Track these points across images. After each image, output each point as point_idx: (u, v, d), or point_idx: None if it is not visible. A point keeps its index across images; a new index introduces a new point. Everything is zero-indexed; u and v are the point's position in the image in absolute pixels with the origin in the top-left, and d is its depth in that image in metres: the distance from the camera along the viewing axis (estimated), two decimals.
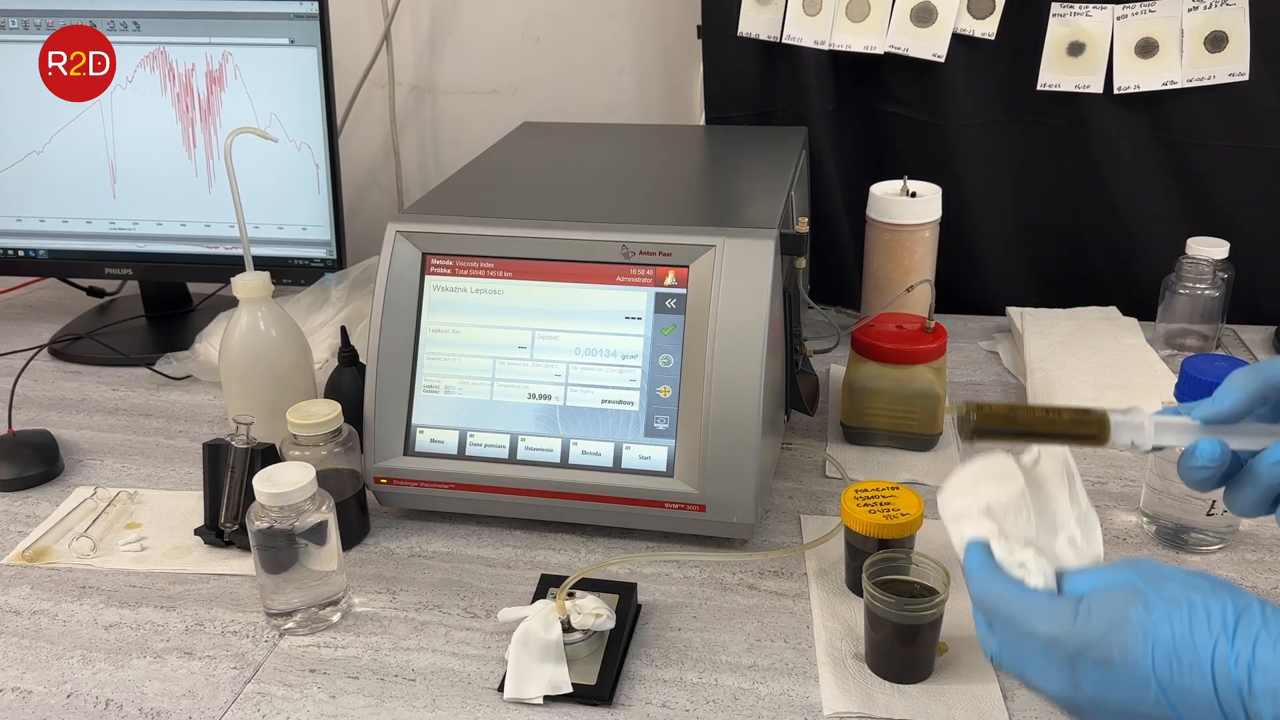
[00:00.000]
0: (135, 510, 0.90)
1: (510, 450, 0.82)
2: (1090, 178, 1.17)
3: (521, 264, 0.83)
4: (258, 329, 0.90)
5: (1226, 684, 0.43)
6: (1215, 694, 0.43)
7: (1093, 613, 0.47)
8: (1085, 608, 0.47)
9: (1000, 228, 1.23)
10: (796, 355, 0.94)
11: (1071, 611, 0.47)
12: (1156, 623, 0.45)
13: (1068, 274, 1.23)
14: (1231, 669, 0.43)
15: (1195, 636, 0.44)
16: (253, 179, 1.02)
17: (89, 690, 0.69)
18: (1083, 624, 0.47)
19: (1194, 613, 0.45)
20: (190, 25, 1.14)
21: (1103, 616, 0.46)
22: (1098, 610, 0.47)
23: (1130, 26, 1.11)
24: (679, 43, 1.32)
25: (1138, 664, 0.45)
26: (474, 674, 0.70)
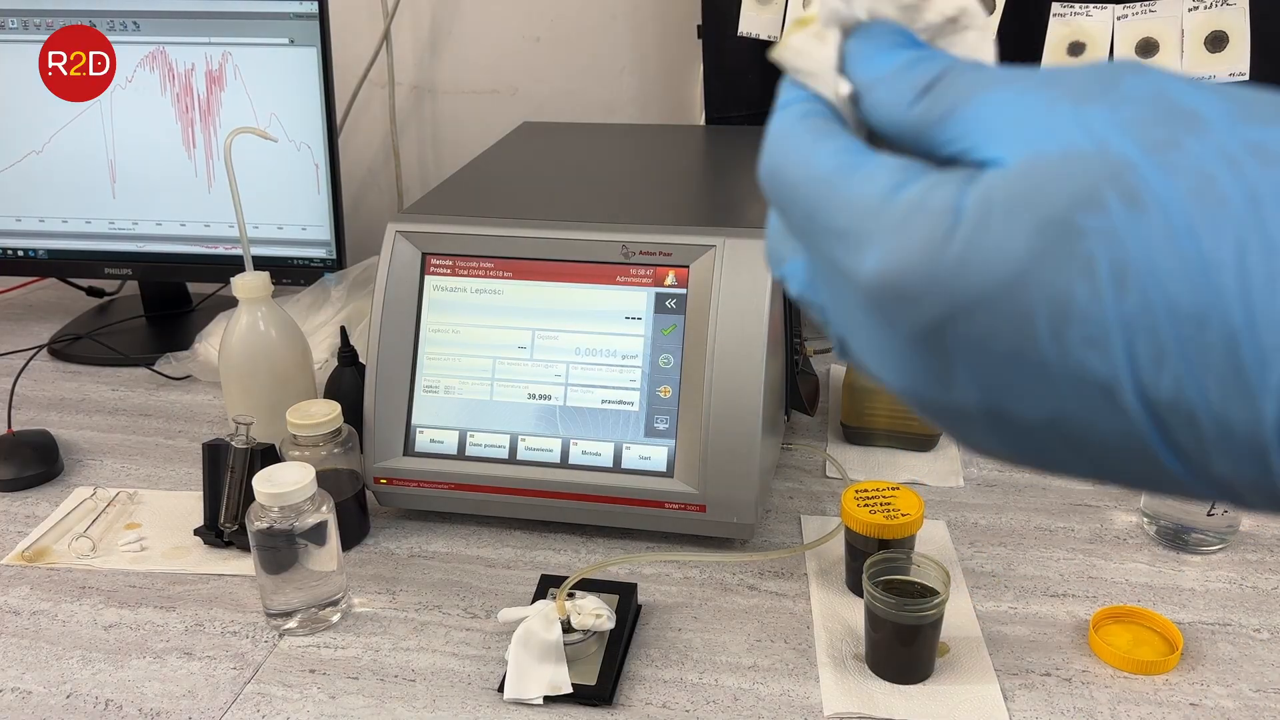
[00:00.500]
0: (135, 510, 0.90)
1: (510, 450, 0.82)
2: None
3: (521, 264, 0.82)
4: (257, 329, 0.90)
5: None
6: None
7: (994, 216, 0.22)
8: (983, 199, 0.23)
9: None
10: (797, 355, 0.93)
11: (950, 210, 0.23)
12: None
13: None
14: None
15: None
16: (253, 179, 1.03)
17: (89, 690, 0.69)
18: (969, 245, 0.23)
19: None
20: (190, 25, 1.14)
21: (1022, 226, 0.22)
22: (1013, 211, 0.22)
23: (1131, 26, 1.10)
24: (679, 42, 1.32)
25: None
26: (474, 674, 0.70)
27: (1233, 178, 0.20)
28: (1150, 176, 0.21)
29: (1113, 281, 0.21)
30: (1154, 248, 0.21)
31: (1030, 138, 0.23)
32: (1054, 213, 0.21)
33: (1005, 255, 0.22)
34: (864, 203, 0.24)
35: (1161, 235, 0.21)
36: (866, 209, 0.24)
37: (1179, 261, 0.20)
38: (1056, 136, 0.22)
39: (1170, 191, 0.21)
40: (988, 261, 0.22)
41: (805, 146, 0.26)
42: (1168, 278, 0.20)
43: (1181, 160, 0.21)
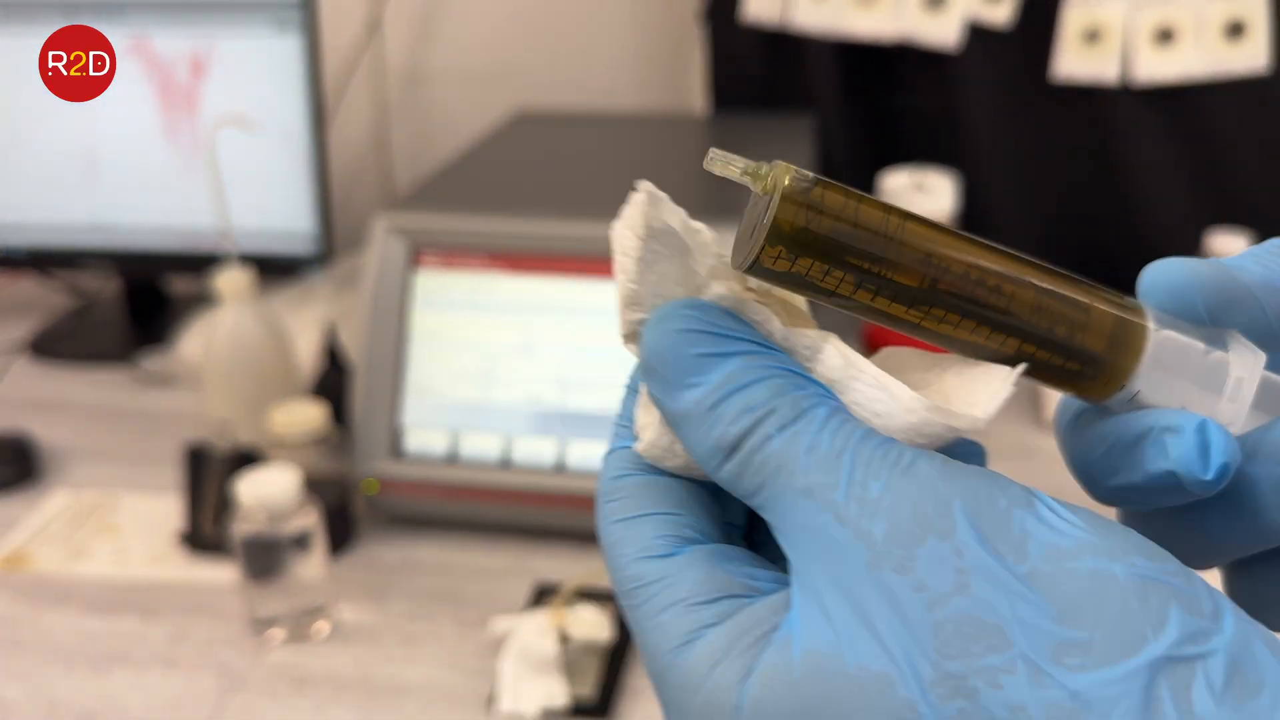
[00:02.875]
0: (115, 515, 0.88)
1: (504, 454, 0.80)
2: (1108, 166, 1.15)
3: (516, 258, 0.80)
4: (241, 327, 0.88)
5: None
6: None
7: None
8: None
9: (1015, 219, 1.21)
10: None
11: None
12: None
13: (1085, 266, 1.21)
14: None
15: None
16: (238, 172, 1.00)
17: (71, 700, 0.68)
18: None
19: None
20: (174, 14, 1.12)
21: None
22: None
23: (1148, 14, 1.09)
24: (678, 28, 1.30)
25: None
26: (465, 687, 0.68)
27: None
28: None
29: None
30: None
31: (834, 615, 0.20)
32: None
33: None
34: (654, 655, 0.22)
35: None
36: (656, 666, 0.22)
37: None
38: (859, 633, 0.19)
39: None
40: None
41: (612, 544, 0.24)
42: None
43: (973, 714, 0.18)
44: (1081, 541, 0.19)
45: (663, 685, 0.22)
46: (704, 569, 0.22)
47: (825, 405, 0.21)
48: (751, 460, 0.21)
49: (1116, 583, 0.18)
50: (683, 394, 0.22)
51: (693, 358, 0.22)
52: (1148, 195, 1.16)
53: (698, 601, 0.21)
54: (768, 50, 1.19)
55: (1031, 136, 1.17)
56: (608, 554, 0.23)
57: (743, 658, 0.20)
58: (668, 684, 0.21)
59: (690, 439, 0.22)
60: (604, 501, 0.24)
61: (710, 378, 0.22)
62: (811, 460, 0.20)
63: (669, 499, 0.23)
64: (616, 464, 0.24)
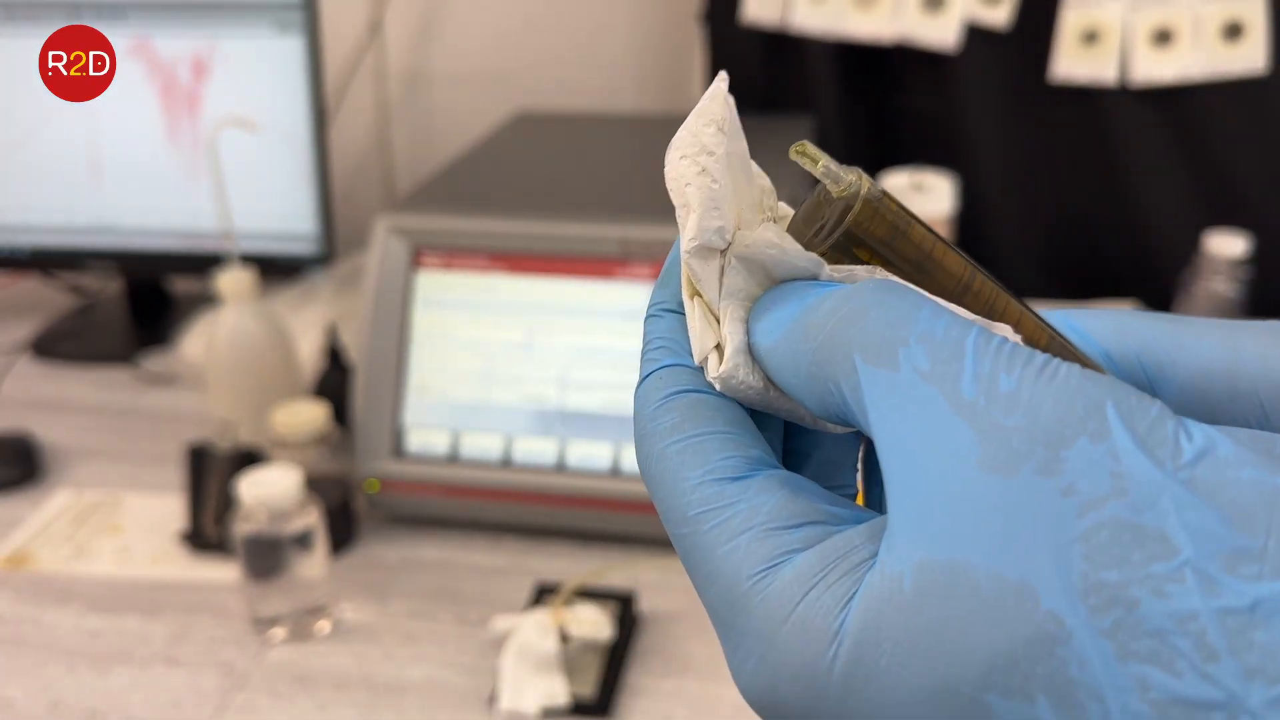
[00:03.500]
0: (117, 514, 0.88)
1: (504, 453, 0.80)
2: (1106, 167, 1.15)
3: (516, 258, 0.80)
4: (243, 327, 0.88)
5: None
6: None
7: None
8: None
9: (1014, 220, 1.21)
10: None
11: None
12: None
13: (1084, 266, 1.22)
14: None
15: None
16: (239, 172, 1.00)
17: (73, 699, 0.68)
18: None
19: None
20: (175, 15, 1.12)
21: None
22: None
23: (1146, 15, 1.09)
24: (678, 29, 1.30)
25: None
26: (466, 685, 0.68)
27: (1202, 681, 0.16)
28: (1093, 664, 0.16)
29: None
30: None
31: (953, 524, 0.18)
32: (955, 684, 0.17)
33: (894, 709, 0.18)
34: (729, 582, 0.20)
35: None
36: (732, 593, 0.20)
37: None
38: (987, 541, 0.17)
39: (1119, 693, 0.16)
40: (875, 705, 0.18)
41: (669, 467, 0.22)
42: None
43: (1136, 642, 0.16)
44: (1238, 453, 0.17)
45: (737, 614, 0.20)
46: (783, 494, 0.20)
47: (927, 298, 0.20)
48: (838, 340, 0.20)
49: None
50: (787, 314, 0.21)
51: (800, 287, 0.22)
52: (1145, 196, 1.16)
53: (779, 526, 0.20)
54: (767, 51, 1.19)
55: (1030, 137, 1.17)
56: (662, 476, 0.22)
57: (841, 583, 0.19)
58: (746, 612, 0.20)
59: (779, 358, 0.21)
60: (653, 421, 0.22)
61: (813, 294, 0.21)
62: (927, 340, 0.19)
63: (727, 419, 0.22)
64: (664, 382, 0.23)
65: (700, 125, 0.23)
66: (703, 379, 0.23)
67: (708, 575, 0.21)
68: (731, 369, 0.22)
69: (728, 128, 0.23)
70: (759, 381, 0.22)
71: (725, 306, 0.23)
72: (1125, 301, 1.17)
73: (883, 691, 0.18)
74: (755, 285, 0.23)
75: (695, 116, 0.23)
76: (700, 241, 0.22)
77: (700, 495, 0.21)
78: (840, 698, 0.19)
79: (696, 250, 0.23)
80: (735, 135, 0.23)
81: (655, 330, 0.24)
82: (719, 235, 0.22)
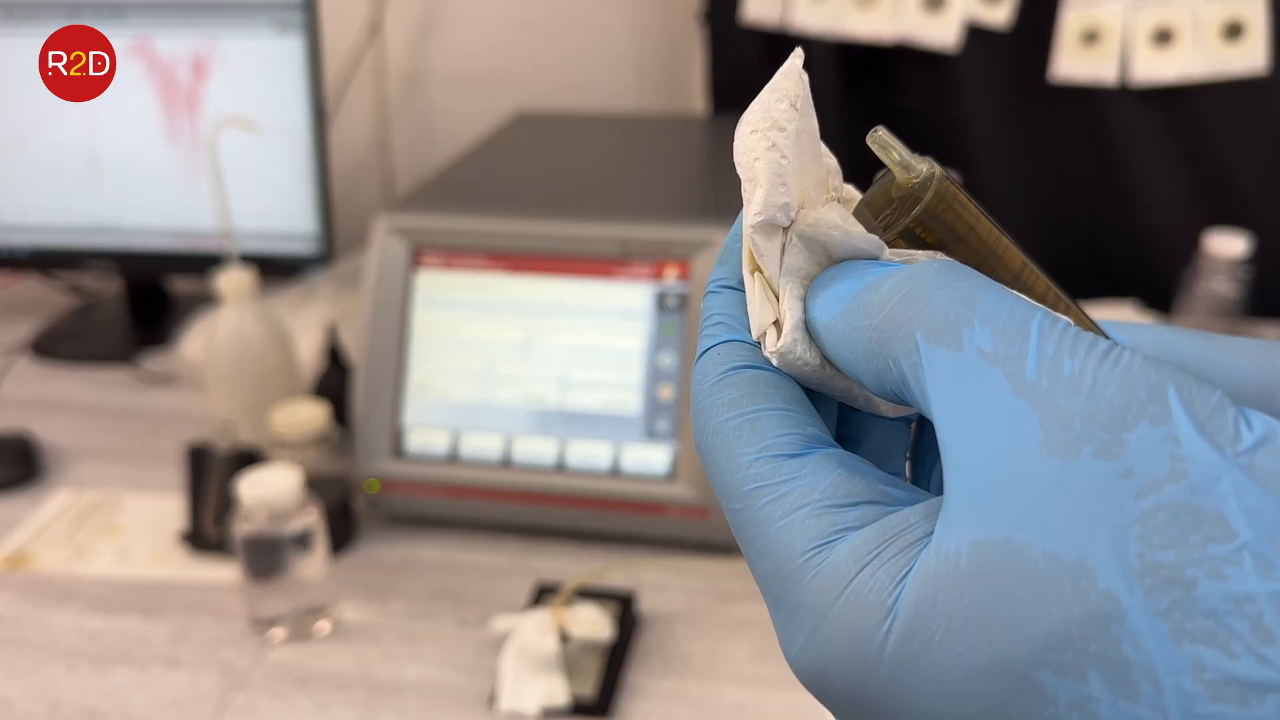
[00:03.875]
0: (117, 514, 0.88)
1: (504, 453, 0.79)
2: (1106, 168, 1.15)
3: (516, 258, 0.80)
4: (243, 328, 0.88)
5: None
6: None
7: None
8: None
9: (1014, 220, 1.21)
10: None
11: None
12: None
13: (1084, 267, 1.22)
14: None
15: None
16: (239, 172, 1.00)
17: (73, 699, 0.68)
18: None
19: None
20: (175, 15, 1.12)
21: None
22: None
23: (1146, 15, 1.09)
24: (678, 29, 1.30)
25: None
26: (466, 685, 0.68)
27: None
28: (1147, 644, 0.17)
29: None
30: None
31: (1011, 504, 0.18)
32: (1008, 660, 0.18)
33: (945, 685, 0.18)
34: (783, 557, 0.20)
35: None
36: (785, 568, 0.20)
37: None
38: (1046, 521, 0.17)
39: (1173, 673, 0.16)
40: (925, 681, 0.18)
41: (726, 441, 0.22)
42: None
43: (1191, 623, 0.16)
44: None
45: (789, 589, 0.20)
46: (839, 472, 0.21)
47: (994, 286, 0.20)
48: (900, 320, 0.20)
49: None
50: (845, 291, 0.22)
51: (860, 267, 0.22)
52: (1146, 195, 1.16)
53: (835, 504, 0.20)
54: (767, 51, 1.19)
55: (1030, 137, 1.17)
56: (718, 451, 0.22)
57: (896, 560, 0.19)
58: (799, 587, 0.20)
59: (837, 334, 0.22)
60: (710, 396, 0.22)
61: (873, 271, 0.22)
62: (992, 321, 0.19)
63: (783, 395, 0.22)
64: (722, 357, 0.23)
65: (773, 100, 0.23)
66: (760, 355, 0.23)
67: (761, 549, 0.21)
68: (789, 344, 0.22)
69: (800, 104, 0.23)
70: (816, 358, 0.23)
71: (785, 283, 0.23)
72: (1125, 301, 1.17)
73: (934, 668, 0.18)
74: (815, 264, 0.23)
75: (769, 91, 0.23)
76: (765, 217, 0.23)
77: (756, 471, 0.21)
78: (891, 674, 0.19)
79: (761, 225, 0.23)
80: (807, 112, 0.23)
81: (714, 306, 0.24)
82: (784, 212, 0.23)
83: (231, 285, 0.87)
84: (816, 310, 0.22)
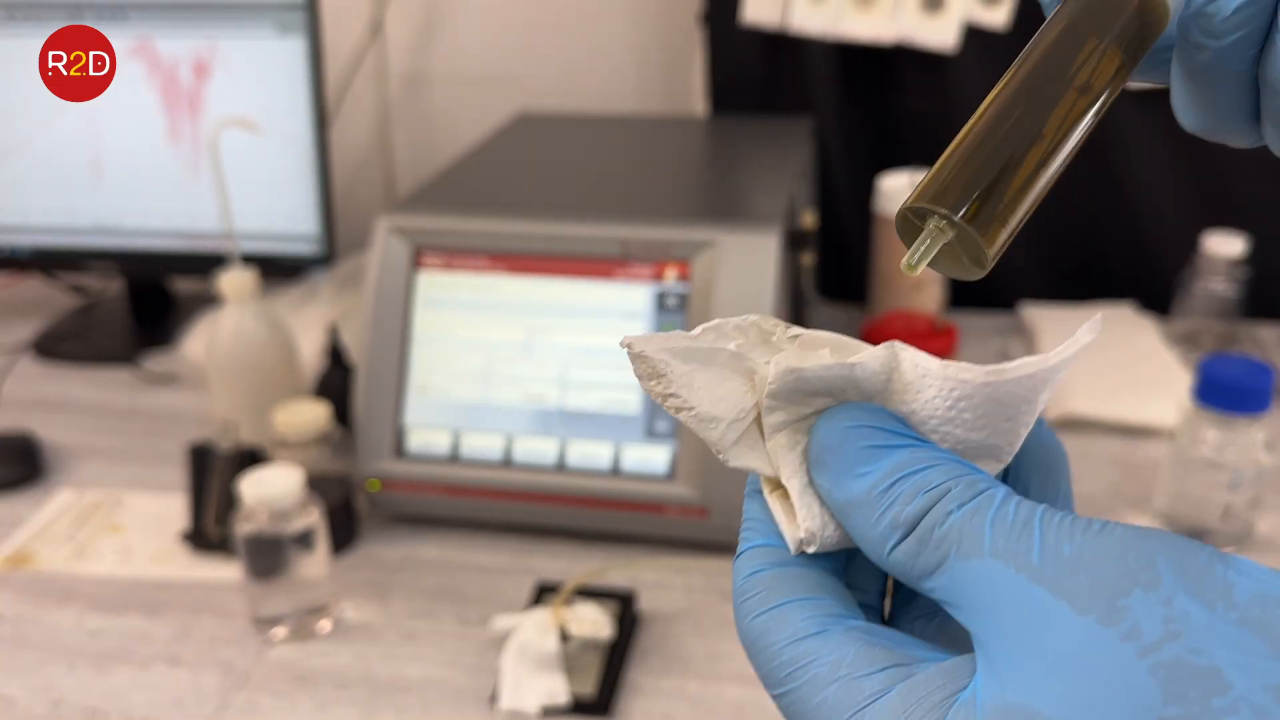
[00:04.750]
0: (119, 514, 0.88)
1: (505, 453, 0.80)
2: (1105, 168, 1.15)
3: (517, 259, 0.81)
4: (244, 328, 0.88)
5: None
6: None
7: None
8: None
9: None
10: None
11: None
12: None
13: (1082, 267, 1.22)
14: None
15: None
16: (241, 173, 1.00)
17: (75, 699, 0.68)
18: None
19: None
20: (177, 16, 1.12)
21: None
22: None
23: None
24: (679, 30, 1.30)
25: None
26: (467, 684, 0.68)
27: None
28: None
29: None
30: None
31: (1026, 672, 0.20)
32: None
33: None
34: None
35: None
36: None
37: None
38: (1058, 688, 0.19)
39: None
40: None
41: (759, 635, 0.24)
42: None
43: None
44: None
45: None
46: (862, 643, 0.23)
47: (1000, 487, 0.22)
48: (931, 536, 0.22)
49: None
50: (854, 482, 0.23)
51: (862, 449, 0.24)
52: (1144, 196, 1.16)
53: (862, 674, 0.22)
54: (767, 52, 1.19)
55: None
56: (754, 648, 0.24)
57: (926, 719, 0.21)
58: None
59: (860, 524, 0.23)
60: (741, 600, 0.25)
61: (881, 465, 0.23)
62: (1000, 529, 0.21)
63: (807, 585, 0.24)
64: (749, 563, 0.25)
65: (644, 384, 0.26)
66: (786, 553, 0.25)
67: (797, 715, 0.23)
68: (809, 539, 0.25)
69: (660, 368, 0.25)
70: (833, 534, 0.25)
71: (788, 479, 0.25)
72: (1123, 302, 1.17)
73: None
74: (802, 410, 0.25)
75: (638, 379, 0.26)
76: (723, 449, 0.25)
77: (788, 655, 0.23)
78: None
79: (728, 455, 0.25)
80: (680, 354, 0.25)
81: (748, 510, 0.27)
82: (730, 429, 0.25)
83: (233, 285, 0.87)
84: (828, 486, 0.24)
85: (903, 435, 0.24)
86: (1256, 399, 0.72)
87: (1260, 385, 0.72)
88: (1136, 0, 0.26)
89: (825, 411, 0.25)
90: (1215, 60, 0.26)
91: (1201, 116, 0.29)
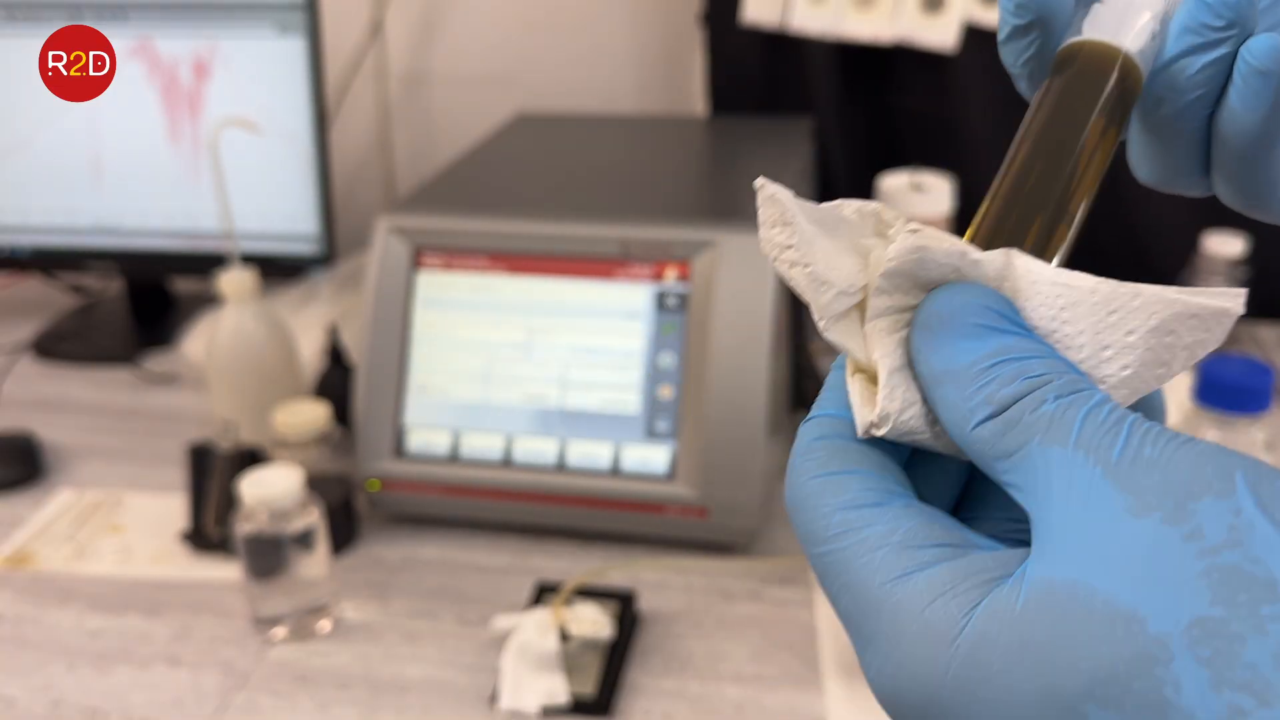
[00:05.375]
0: (119, 514, 0.88)
1: (505, 453, 0.80)
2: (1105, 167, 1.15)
3: (517, 259, 0.81)
4: (244, 328, 0.88)
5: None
6: None
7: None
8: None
9: None
10: (801, 355, 0.92)
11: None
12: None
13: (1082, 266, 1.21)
14: None
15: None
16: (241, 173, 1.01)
17: (74, 699, 0.68)
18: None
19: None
20: (177, 16, 1.12)
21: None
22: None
23: None
24: (679, 30, 1.30)
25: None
26: (467, 684, 0.68)
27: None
28: (1187, 688, 0.18)
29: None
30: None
31: (1081, 553, 0.20)
32: (1059, 690, 0.20)
33: (1002, 711, 0.20)
34: (864, 588, 0.22)
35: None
36: (865, 599, 0.22)
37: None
38: (1109, 570, 0.20)
39: (1207, 714, 0.18)
40: (984, 706, 0.21)
41: (812, 495, 0.24)
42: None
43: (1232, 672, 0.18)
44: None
45: (868, 617, 0.22)
46: (920, 519, 0.23)
47: (1099, 391, 0.22)
48: (1021, 420, 0.22)
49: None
50: (958, 354, 0.23)
51: (973, 325, 0.23)
52: (1144, 196, 1.16)
53: (915, 544, 0.22)
54: (767, 52, 1.19)
55: None
56: (804, 505, 0.24)
57: (969, 594, 0.21)
58: (877, 614, 0.22)
59: (950, 395, 0.23)
60: (801, 459, 0.25)
61: (988, 344, 0.23)
62: (1090, 425, 0.21)
63: (872, 462, 0.24)
64: (818, 428, 0.25)
65: (767, 231, 0.25)
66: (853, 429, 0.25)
67: (844, 585, 0.23)
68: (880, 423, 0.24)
69: (789, 216, 0.25)
70: (909, 419, 0.24)
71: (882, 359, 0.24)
72: None
73: (993, 693, 0.20)
74: (908, 297, 0.25)
75: (761, 225, 0.25)
76: (825, 318, 0.25)
77: (841, 517, 0.23)
78: (953, 698, 0.21)
79: (829, 326, 0.25)
80: (806, 214, 0.25)
81: (831, 379, 0.27)
82: (838, 303, 0.25)
83: (233, 285, 0.87)
84: (928, 353, 0.24)
85: (1015, 323, 0.24)
86: (1256, 399, 0.72)
87: (1260, 385, 0.72)
88: (1117, 73, 0.28)
89: (944, 285, 0.24)
90: (1175, 115, 0.28)
91: (1156, 169, 0.31)
